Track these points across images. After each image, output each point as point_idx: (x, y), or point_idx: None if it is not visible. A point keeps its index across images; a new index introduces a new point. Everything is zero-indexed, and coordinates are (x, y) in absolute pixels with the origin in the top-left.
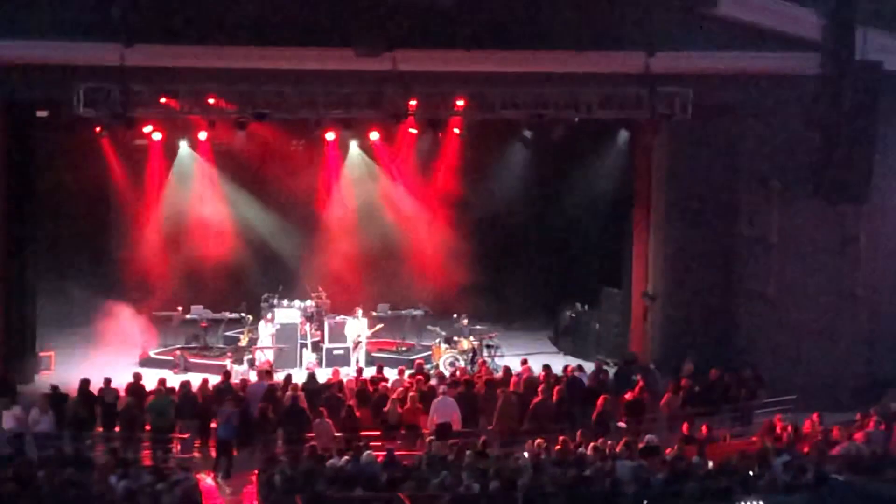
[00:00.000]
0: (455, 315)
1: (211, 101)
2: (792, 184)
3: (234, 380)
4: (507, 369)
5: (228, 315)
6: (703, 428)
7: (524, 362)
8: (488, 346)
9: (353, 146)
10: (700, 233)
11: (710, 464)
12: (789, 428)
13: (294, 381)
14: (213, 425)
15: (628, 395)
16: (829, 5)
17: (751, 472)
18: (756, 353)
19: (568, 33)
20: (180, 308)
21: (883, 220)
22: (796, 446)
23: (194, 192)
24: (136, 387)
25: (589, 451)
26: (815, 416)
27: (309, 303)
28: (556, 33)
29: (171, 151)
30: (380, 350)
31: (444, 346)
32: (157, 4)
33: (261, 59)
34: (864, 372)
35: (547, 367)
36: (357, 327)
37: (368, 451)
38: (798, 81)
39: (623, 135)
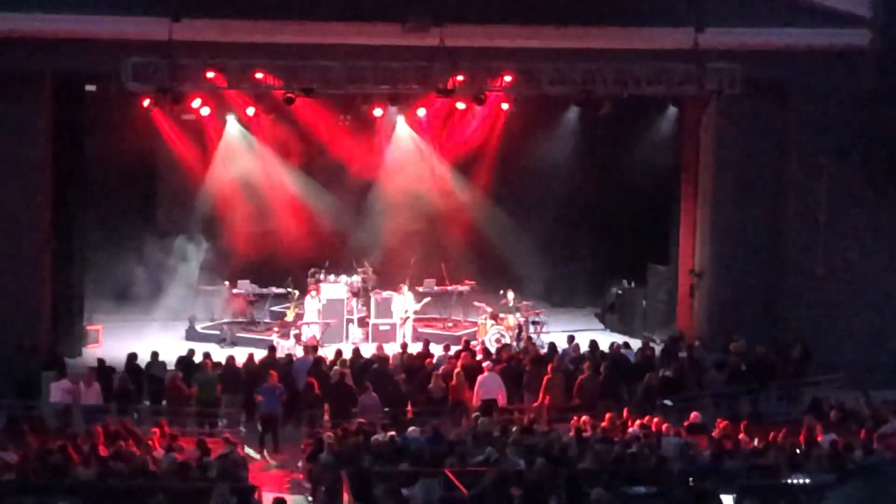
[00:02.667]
0: (501, 291)
1: (258, 75)
2: (841, 161)
3: (280, 354)
4: (552, 346)
5: (275, 290)
6: (750, 405)
7: (571, 339)
8: (534, 323)
9: (401, 121)
10: (748, 210)
11: (757, 441)
12: (837, 406)
13: (342, 356)
14: (258, 400)
15: (675, 373)
16: None
17: (797, 451)
18: (804, 331)
19: (616, 9)
20: (227, 282)
21: None
22: (844, 425)
23: (241, 167)
24: (182, 360)
25: (635, 428)
26: (862, 395)
27: (355, 278)
28: (604, 8)
29: (219, 126)
30: (426, 326)
31: (490, 322)
32: None
33: (308, 34)
34: None
35: (593, 344)
36: (403, 303)
37: (414, 427)
38: (848, 57)
39: (671, 111)
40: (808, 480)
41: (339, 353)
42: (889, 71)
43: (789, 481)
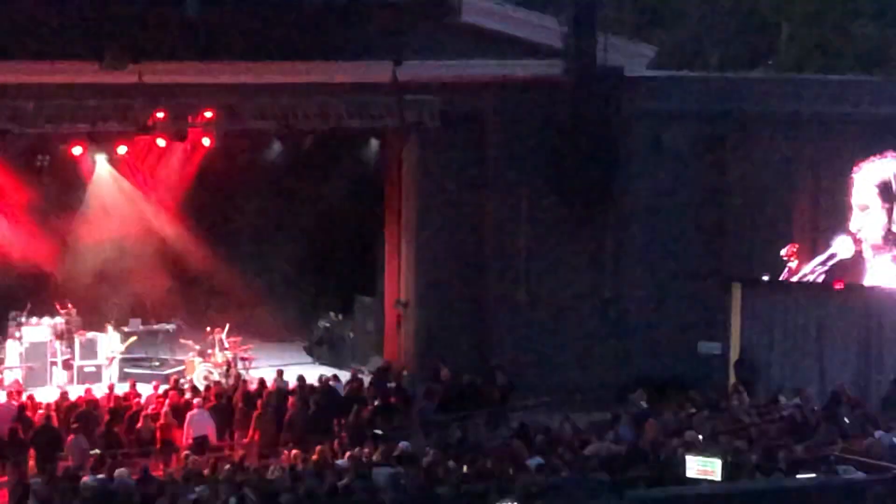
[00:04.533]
0: (208, 328)
1: None
2: (539, 190)
3: None
4: (262, 381)
5: None
6: (459, 432)
7: (279, 374)
8: (243, 359)
9: (101, 160)
10: (451, 240)
11: (466, 468)
12: (542, 430)
13: (45, 399)
14: None
15: (383, 403)
16: (570, 12)
17: (505, 475)
18: (510, 358)
19: (316, 43)
20: None
21: (628, 224)
22: (549, 447)
23: None
24: None
25: (346, 461)
26: (567, 417)
27: (58, 320)
28: (304, 44)
29: None
30: (133, 366)
31: (197, 359)
32: None
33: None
34: (614, 373)
35: (301, 378)
36: (109, 343)
37: (123, 468)
38: (542, 88)
39: (374, 143)
40: None
41: (31, 396)
42: (580, 100)
43: None
